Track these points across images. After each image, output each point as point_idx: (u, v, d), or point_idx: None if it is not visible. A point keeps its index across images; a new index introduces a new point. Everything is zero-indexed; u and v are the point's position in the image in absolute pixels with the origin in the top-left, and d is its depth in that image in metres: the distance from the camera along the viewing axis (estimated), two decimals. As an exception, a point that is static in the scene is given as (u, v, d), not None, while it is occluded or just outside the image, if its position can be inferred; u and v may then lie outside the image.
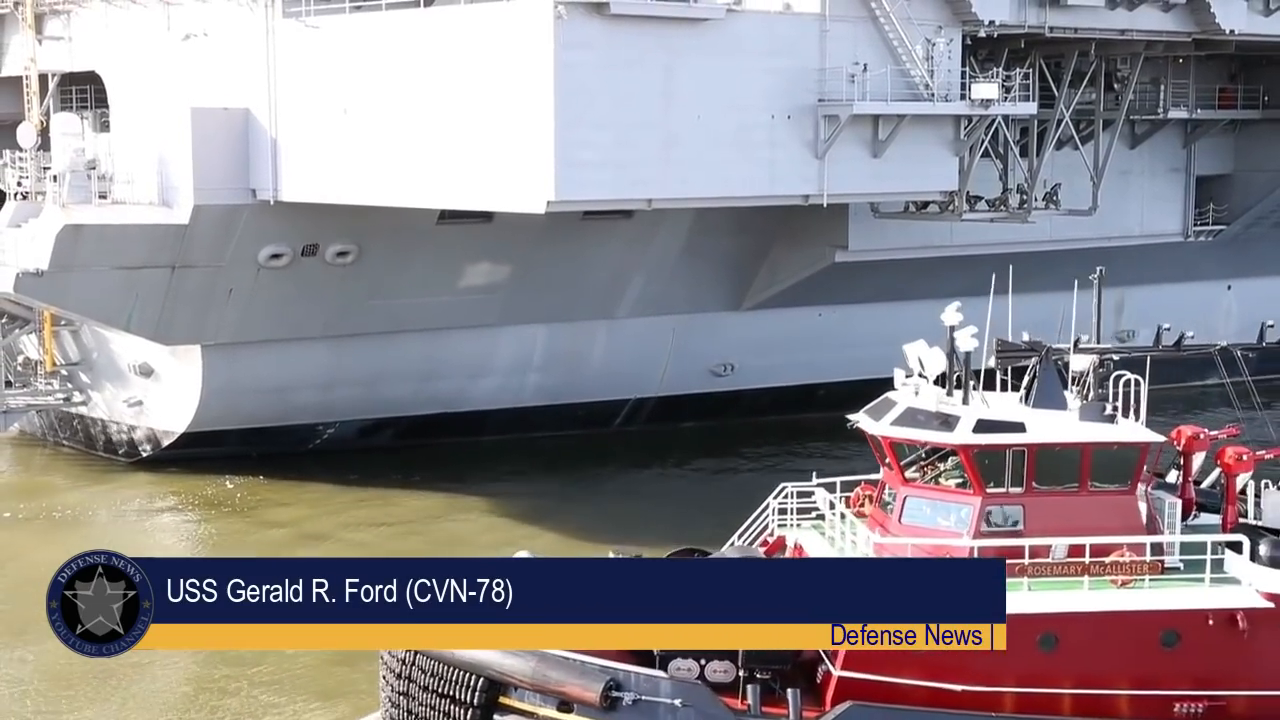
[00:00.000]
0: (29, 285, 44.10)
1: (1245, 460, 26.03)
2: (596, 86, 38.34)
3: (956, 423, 25.17)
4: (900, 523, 25.42)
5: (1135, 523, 24.93)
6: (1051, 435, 25.09)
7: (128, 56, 47.59)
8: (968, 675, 23.65)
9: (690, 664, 24.40)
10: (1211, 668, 24.08)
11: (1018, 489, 24.92)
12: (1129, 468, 25.08)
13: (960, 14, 44.16)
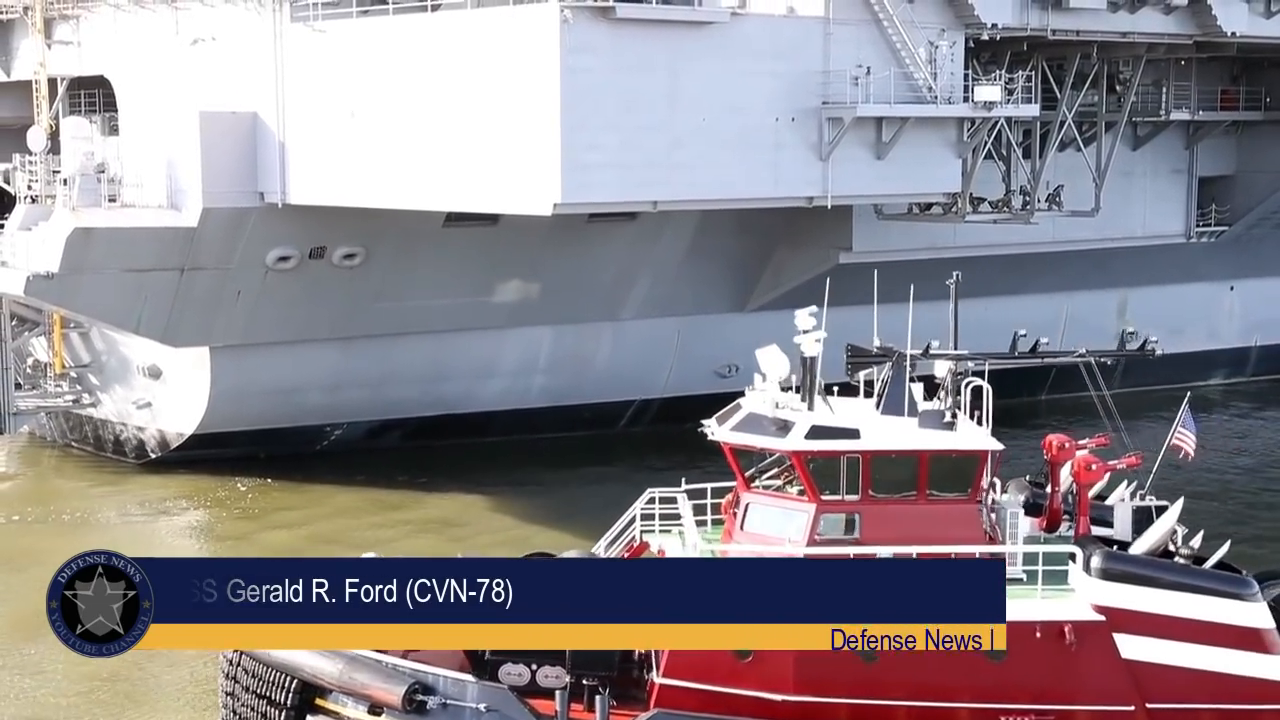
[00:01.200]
0: (39, 288, 44.41)
1: (1095, 470, 25.41)
2: (602, 90, 38.61)
3: (791, 429, 24.59)
4: (742, 529, 24.86)
5: (975, 532, 24.33)
6: (887, 442, 24.53)
7: (136, 61, 47.90)
8: (791, 685, 23.23)
9: (521, 669, 24.20)
10: (1040, 681, 23.45)
11: (854, 496, 24.35)
12: (970, 476, 24.45)
13: (963, 17, 44.40)
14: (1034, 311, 59.78)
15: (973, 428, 25.16)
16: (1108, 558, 23.90)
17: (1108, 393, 27.81)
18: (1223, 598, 23.57)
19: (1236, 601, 23.59)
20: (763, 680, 23.31)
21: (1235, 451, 55.91)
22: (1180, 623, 23.51)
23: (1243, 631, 23.49)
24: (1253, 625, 23.59)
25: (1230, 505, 48.33)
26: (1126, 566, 23.89)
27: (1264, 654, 23.62)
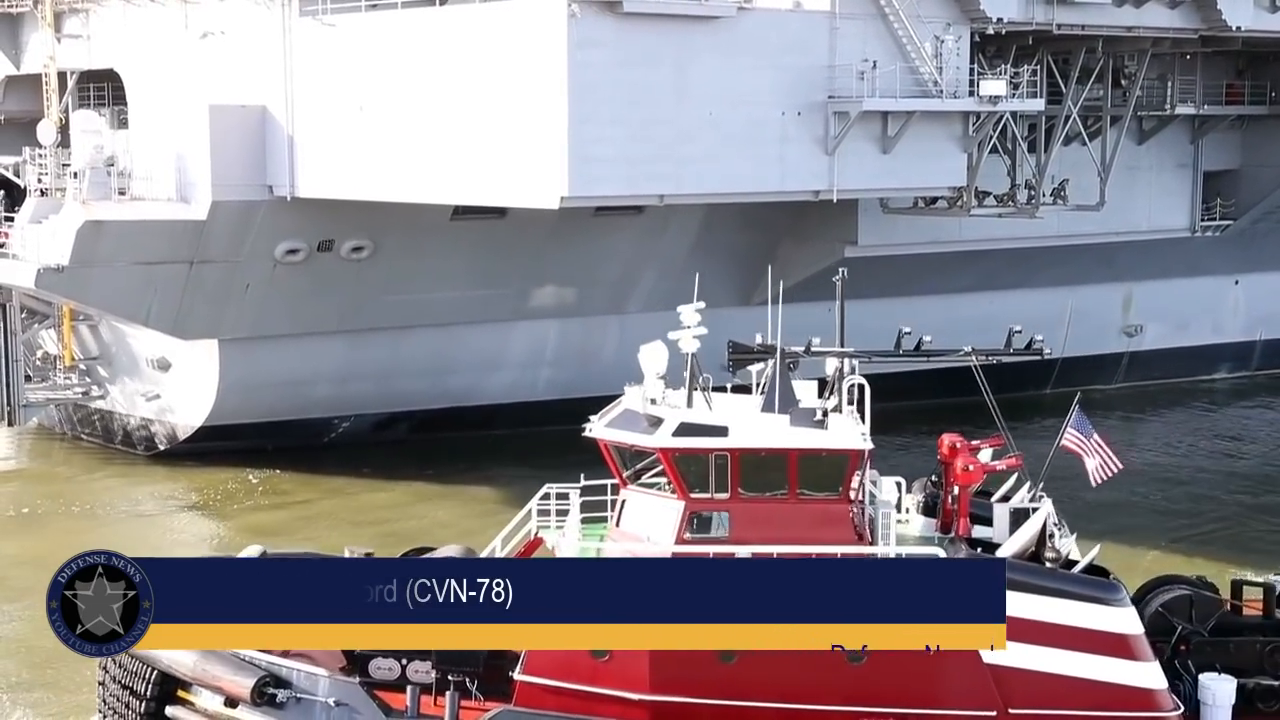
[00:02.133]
0: (50, 280, 44.72)
1: (972, 471, 24.78)
2: (609, 84, 38.87)
3: (660, 426, 24.06)
4: (619, 526, 24.55)
5: (846, 532, 23.86)
6: (755, 440, 23.92)
7: (146, 54, 48.18)
8: (648, 685, 22.96)
9: (391, 663, 24.03)
10: (901, 684, 22.94)
11: (723, 494, 23.80)
12: (841, 475, 23.95)
13: (969, 11, 44.55)
14: (1039, 306, 60.00)
15: (845, 426, 24.49)
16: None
17: (992, 397, 27.43)
18: (1088, 602, 22.95)
19: (1102, 607, 22.98)
20: (620, 680, 23.03)
21: (1236, 449, 56.14)
22: (1044, 627, 22.86)
23: (1108, 637, 22.92)
24: (1119, 631, 23.00)
25: (1227, 505, 48.61)
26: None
27: (1130, 660, 23.01)
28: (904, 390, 57.64)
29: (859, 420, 24.96)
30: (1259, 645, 24.71)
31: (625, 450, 24.17)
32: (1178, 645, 24.62)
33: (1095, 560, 24.44)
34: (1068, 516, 25.33)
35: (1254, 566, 38.69)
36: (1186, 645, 24.69)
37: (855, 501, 24.40)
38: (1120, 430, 57.70)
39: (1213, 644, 24.74)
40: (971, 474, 24.78)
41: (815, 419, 24.29)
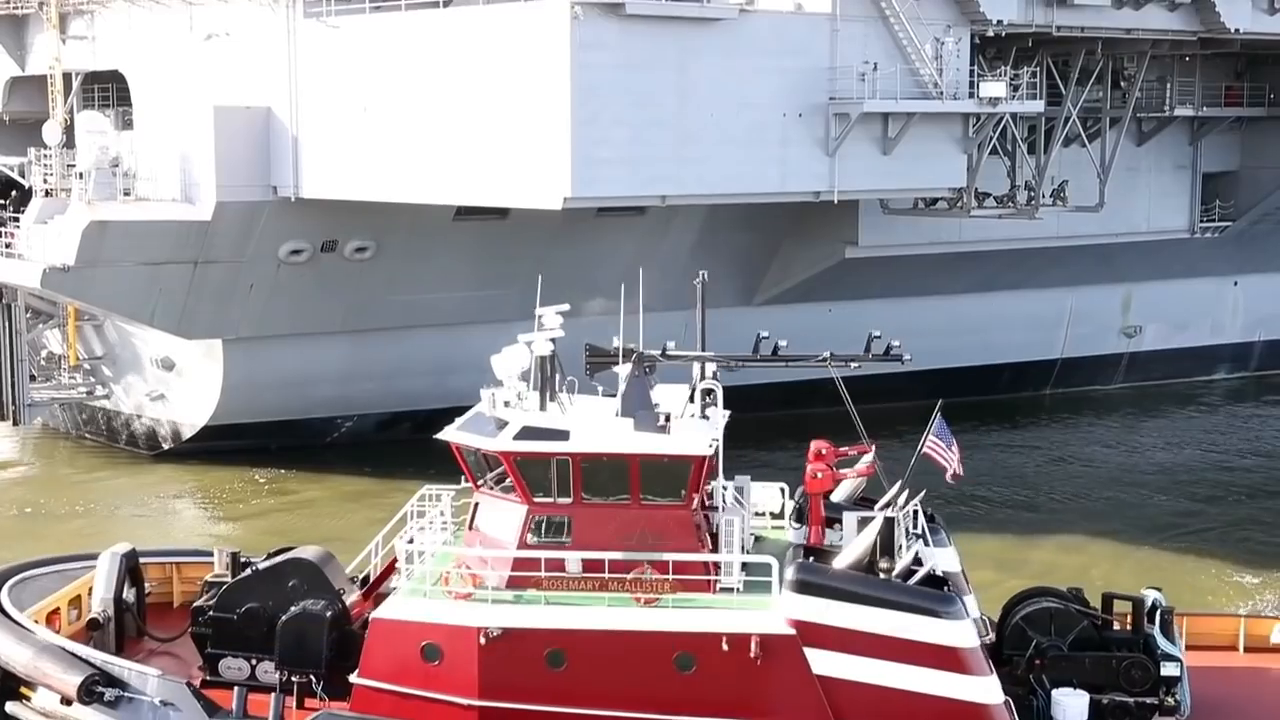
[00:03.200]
0: (55, 280, 44.96)
1: (820, 478, 24.44)
2: (612, 85, 39.16)
3: (504, 429, 23.82)
4: (471, 528, 24.34)
5: (688, 539, 23.42)
6: (596, 445, 23.47)
7: (151, 56, 48.42)
8: (477, 690, 22.79)
9: (241, 663, 24.28)
10: (727, 693, 22.61)
11: (566, 499, 23.50)
12: (683, 481, 23.43)
13: (969, 13, 44.83)
14: (1038, 306, 60.34)
15: (689, 432, 23.82)
16: (801, 570, 22.90)
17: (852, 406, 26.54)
18: (920, 614, 22.39)
19: (934, 619, 22.39)
20: (451, 685, 22.88)
21: (1230, 451, 56.35)
22: (874, 639, 22.45)
23: (940, 650, 22.34)
24: (950, 644, 22.37)
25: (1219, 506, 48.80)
26: (819, 579, 22.77)
27: (961, 674, 22.39)
28: (893, 392, 58.16)
29: (717, 425, 24.33)
30: (1114, 661, 24.13)
31: (475, 454, 23.90)
32: (1033, 659, 24.18)
33: (962, 569, 24.41)
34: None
35: (1217, 575, 39.04)
36: (1042, 659, 24.19)
37: (700, 508, 23.94)
38: (1119, 431, 58.01)
39: (1068, 659, 24.20)
40: (820, 481, 24.43)
41: (658, 424, 23.65)
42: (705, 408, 24.63)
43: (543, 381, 24.50)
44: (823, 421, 58.25)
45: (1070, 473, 51.40)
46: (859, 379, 68.80)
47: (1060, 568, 40.98)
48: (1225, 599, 38.09)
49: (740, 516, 23.93)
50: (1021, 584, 38.63)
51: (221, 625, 24.67)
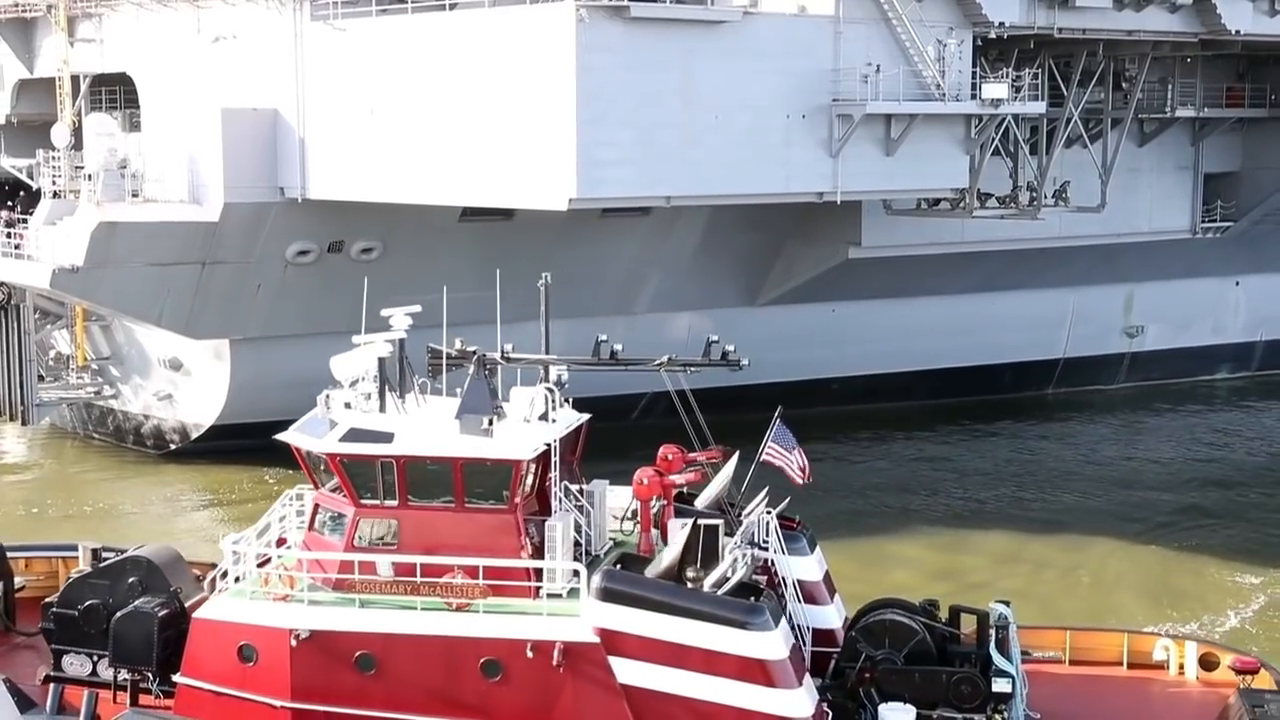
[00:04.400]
0: (65, 281, 45.27)
1: (647, 485, 24.10)
2: (617, 87, 39.41)
3: (332, 430, 23.76)
4: (311, 530, 24.23)
5: (512, 544, 23.18)
6: (420, 448, 23.27)
7: (158, 58, 48.69)
8: (289, 692, 22.86)
9: (83, 659, 24.38)
10: (533, 701, 22.49)
11: (392, 502, 23.37)
12: (507, 485, 23.18)
13: (971, 15, 45.08)
14: (1041, 306, 60.62)
15: (513, 434, 23.54)
16: (606, 577, 22.58)
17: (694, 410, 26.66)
18: (725, 625, 21.98)
19: (740, 630, 21.93)
20: (265, 686, 22.99)
21: (1250, 445, 56.60)
22: (679, 649, 22.10)
23: (745, 662, 21.91)
24: (756, 656, 21.93)
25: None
26: (625, 588, 22.49)
27: (767, 686, 21.95)
28: (897, 391, 58.45)
29: (552, 428, 24.08)
30: (944, 676, 23.66)
31: (310, 455, 23.90)
32: (862, 672, 23.84)
33: (824, 577, 24.43)
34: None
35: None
36: (872, 672, 23.86)
37: (539, 511, 23.74)
38: (1121, 431, 58.26)
39: (899, 672, 23.83)
40: (646, 488, 24.03)
41: (482, 427, 23.33)
42: (550, 409, 24.40)
43: (381, 383, 24.33)
44: (823, 421, 58.91)
45: (1071, 472, 51.67)
46: (862, 379, 69.58)
47: (1053, 565, 41.40)
48: (1224, 599, 38.38)
49: (566, 522, 23.46)
50: (1018, 584, 39.43)
51: (64, 621, 24.89)
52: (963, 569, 41.16)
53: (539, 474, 23.69)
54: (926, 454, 53.69)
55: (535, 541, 23.40)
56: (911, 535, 43.89)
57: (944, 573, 40.72)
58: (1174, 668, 25.14)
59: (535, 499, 23.90)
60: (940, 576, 40.43)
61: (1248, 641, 34.62)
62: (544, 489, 23.93)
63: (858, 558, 41.62)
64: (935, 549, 42.88)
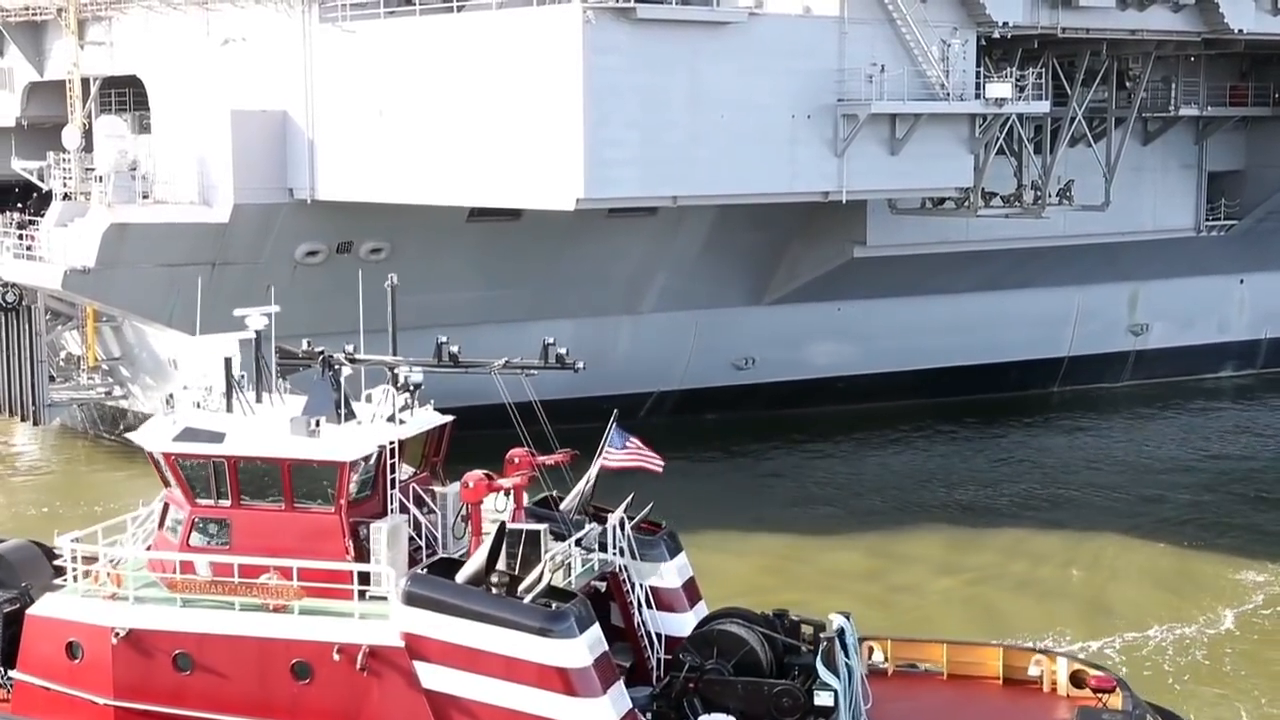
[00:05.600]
0: (76, 282, 45.58)
1: (474, 489, 23.86)
2: (624, 88, 39.67)
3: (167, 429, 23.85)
4: (161, 530, 24.45)
5: (337, 546, 23.18)
6: (249, 448, 23.39)
7: (168, 61, 48.98)
8: (111, 690, 23.10)
9: None
10: (340, 703, 22.58)
11: (225, 502, 23.56)
12: (332, 487, 23.25)
13: (975, 16, 45.30)
14: (1045, 305, 60.84)
15: (339, 436, 23.52)
16: (413, 581, 22.51)
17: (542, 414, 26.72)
18: (525, 632, 21.86)
19: (540, 638, 21.81)
20: (89, 683, 23.31)
21: (1247, 443, 56.78)
22: (481, 655, 22.05)
23: (544, 669, 21.79)
24: (556, 664, 21.78)
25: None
26: (428, 592, 22.37)
27: (568, 695, 21.81)
28: (902, 390, 58.66)
29: (391, 430, 24.08)
30: (767, 688, 23.48)
31: (150, 455, 24.10)
32: (687, 682, 23.70)
33: (683, 585, 24.47)
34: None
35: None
36: (697, 682, 23.70)
37: (379, 513, 23.73)
38: (1126, 428, 58.47)
39: (723, 683, 23.64)
40: (472, 491, 23.87)
41: (309, 428, 23.46)
42: (401, 411, 24.49)
43: (227, 383, 24.45)
44: (828, 419, 59.02)
45: (1076, 468, 51.88)
46: (867, 378, 69.65)
47: (1048, 562, 41.64)
48: (1226, 599, 38.60)
49: (394, 524, 23.38)
50: (1012, 586, 39.70)
51: None
52: (967, 566, 41.40)
53: (377, 476, 23.66)
54: (933, 452, 53.94)
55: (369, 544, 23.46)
56: (916, 532, 44.09)
57: (946, 568, 41.00)
58: (1047, 684, 25.12)
59: (378, 501, 23.88)
60: (943, 572, 40.73)
61: (1235, 644, 35.03)
62: (400, 490, 23.98)
63: (858, 555, 41.97)
64: (939, 545, 43.10)
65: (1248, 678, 33.71)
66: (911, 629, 35.40)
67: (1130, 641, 35.10)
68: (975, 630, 35.44)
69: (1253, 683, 33.32)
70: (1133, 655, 34.31)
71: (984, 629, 35.71)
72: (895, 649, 26.04)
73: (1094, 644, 34.66)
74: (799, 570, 40.88)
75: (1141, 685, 32.32)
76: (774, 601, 37.71)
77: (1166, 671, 33.78)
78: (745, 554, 42.07)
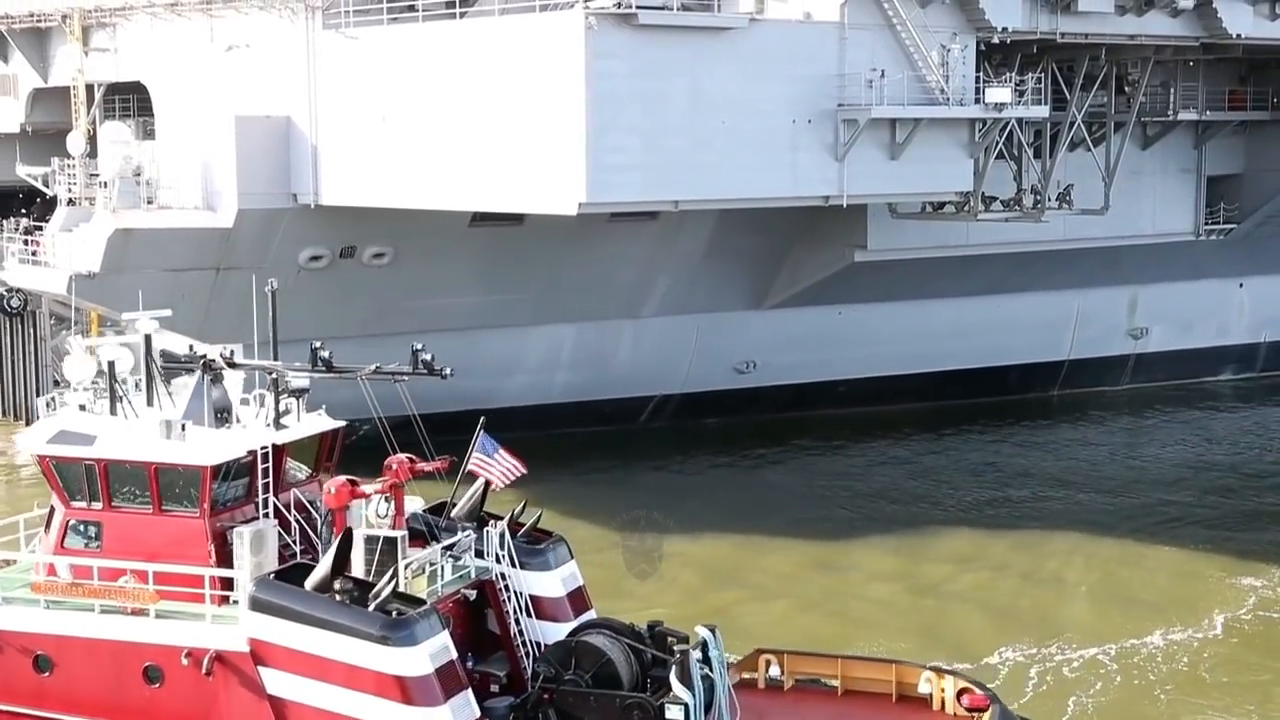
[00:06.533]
0: (82, 287, 45.80)
1: (335, 494, 23.59)
2: (626, 93, 39.89)
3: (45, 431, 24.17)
4: (45, 532, 24.68)
5: (200, 551, 23.33)
6: (118, 452, 23.58)
7: (172, 67, 49.28)
8: None
9: None
10: (187, 707, 22.76)
11: (98, 504, 23.73)
12: (197, 491, 23.39)
13: (974, 21, 45.54)
14: (1045, 308, 61.07)
15: (204, 440, 23.70)
16: (259, 586, 22.62)
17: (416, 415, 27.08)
18: (364, 640, 21.91)
19: (378, 645, 21.83)
20: None
21: (1246, 447, 56.96)
22: (322, 662, 22.11)
23: (382, 677, 21.79)
24: (394, 672, 21.77)
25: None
26: (272, 598, 22.47)
27: (405, 704, 21.77)
28: (904, 393, 58.87)
29: (260, 434, 24.21)
30: (618, 700, 23.48)
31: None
32: (542, 693, 23.77)
33: (568, 595, 24.46)
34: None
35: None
36: (552, 693, 23.73)
37: (236, 519, 23.85)
38: (1126, 432, 58.68)
39: (576, 694, 23.62)
40: (334, 497, 23.59)
41: (176, 432, 23.62)
42: (281, 416, 24.73)
43: (110, 386, 24.53)
44: (830, 423, 59.10)
45: (1077, 472, 52.08)
46: (869, 381, 69.88)
47: (1043, 566, 41.84)
48: (1225, 601, 38.76)
49: (259, 529, 23.58)
50: (1016, 589, 39.87)
51: None
52: (981, 566, 41.51)
53: (251, 480, 23.84)
54: (934, 455, 54.10)
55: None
56: (919, 536, 44.27)
57: (955, 571, 41.16)
58: (936, 701, 25.16)
59: (254, 506, 24.04)
60: (950, 575, 40.91)
61: (1233, 649, 35.13)
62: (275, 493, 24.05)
63: (863, 560, 42.14)
64: (943, 550, 43.27)
65: (1249, 681, 33.88)
66: (917, 634, 35.69)
67: (1128, 648, 35.17)
68: (982, 637, 35.64)
69: (1249, 692, 33.46)
70: (1126, 663, 34.38)
71: (996, 632, 35.90)
72: (791, 663, 26.10)
73: (1091, 650, 34.76)
74: (803, 574, 41.06)
75: (1138, 691, 32.72)
76: (777, 605, 38.25)
77: (1165, 677, 33.90)
78: (747, 557, 42.27)
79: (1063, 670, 33.88)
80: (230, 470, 23.62)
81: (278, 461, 24.44)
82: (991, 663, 33.91)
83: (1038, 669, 33.75)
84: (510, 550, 24.82)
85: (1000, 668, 33.75)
